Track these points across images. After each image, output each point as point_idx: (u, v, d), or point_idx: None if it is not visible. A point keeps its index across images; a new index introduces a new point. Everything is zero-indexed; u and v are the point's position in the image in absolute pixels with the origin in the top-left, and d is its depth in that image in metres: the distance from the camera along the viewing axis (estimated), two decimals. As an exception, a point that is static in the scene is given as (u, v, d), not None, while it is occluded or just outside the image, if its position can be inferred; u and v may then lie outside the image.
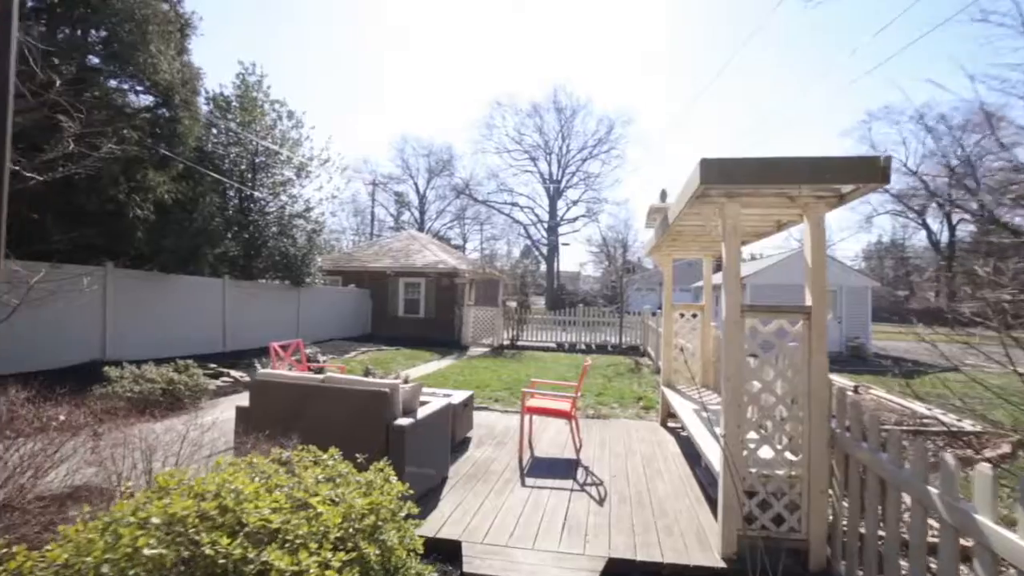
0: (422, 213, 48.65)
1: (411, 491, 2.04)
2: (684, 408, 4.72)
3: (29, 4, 8.35)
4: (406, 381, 7.75)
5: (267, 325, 12.77)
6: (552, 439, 5.36)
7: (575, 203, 46.55)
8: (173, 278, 9.96)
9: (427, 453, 3.74)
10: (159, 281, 9.68)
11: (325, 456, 2.11)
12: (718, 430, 3.75)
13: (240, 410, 3.79)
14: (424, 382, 9.09)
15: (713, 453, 3.24)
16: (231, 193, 12.68)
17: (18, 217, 7.12)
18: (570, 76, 76.26)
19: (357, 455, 2.27)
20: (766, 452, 2.79)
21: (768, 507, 2.73)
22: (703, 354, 5.96)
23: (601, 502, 3.66)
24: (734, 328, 2.70)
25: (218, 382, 7.90)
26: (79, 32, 8.70)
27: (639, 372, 11.07)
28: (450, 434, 4.88)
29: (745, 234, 4.00)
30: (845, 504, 2.58)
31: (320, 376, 3.66)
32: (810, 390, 2.62)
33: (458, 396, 5.25)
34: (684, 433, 5.46)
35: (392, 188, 47.85)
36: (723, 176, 2.50)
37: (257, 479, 1.78)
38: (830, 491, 2.69)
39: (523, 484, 4.01)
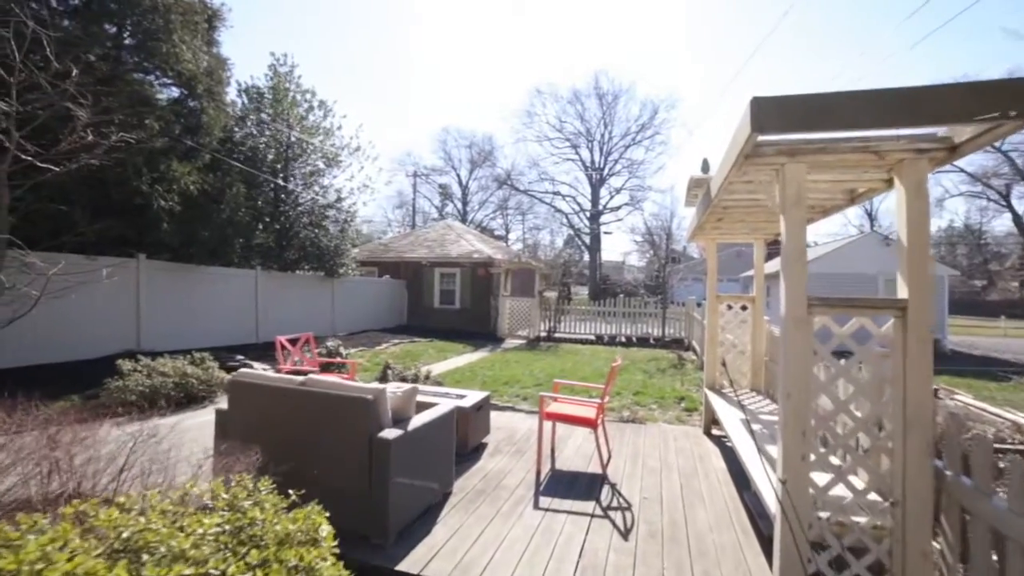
0: (464, 204, 48.57)
1: (338, 552, 1.53)
2: (730, 418, 4.01)
3: (72, 2, 8.43)
4: (427, 377, 7.38)
5: (301, 316, 12.79)
6: (578, 447, 4.77)
7: (618, 191, 45.02)
8: (204, 269, 10.01)
9: (423, 468, 3.26)
10: (190, 272, 9.73)
11: (240, 495, 1.62)
12: (772, 449, 3.05)
13: (219, 414, 3.43)
14: (448, 377, 8.70)
15: (765, 480, 2.57)
16: (266, 186, 12.69)
17: (47, 209, 7.22)
18: (611, 60, 73.30)
19: (292, 494, 1.78)
20: (841, 491, 2.10)
21: (844, 567, 2.04)
22: (754, 353, 5.18)
23: (626, 534, 3.05)
24: (797, 327, 2.02)
25: (241, 375, 7.78)
26: (110, 27, 8.73)
27: (682, 368, 10.23)
28: (460, 441, 4.39)
29: (807, 209, 3.23)
30: (961, 570, 1.87)
31: (299, 379, 3.24)
32: (905, 413, 1.91)
33: (472, 397, 4.75)
34: (731, 443, 4.73)
35: (435, 180, 48.01)
36: (784, 120, 1.81)
37: (125, 532, 1.32)
38: (936, 549, 1.98)
39: (536, 505, 3.45)
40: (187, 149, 8.92)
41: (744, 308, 5.40)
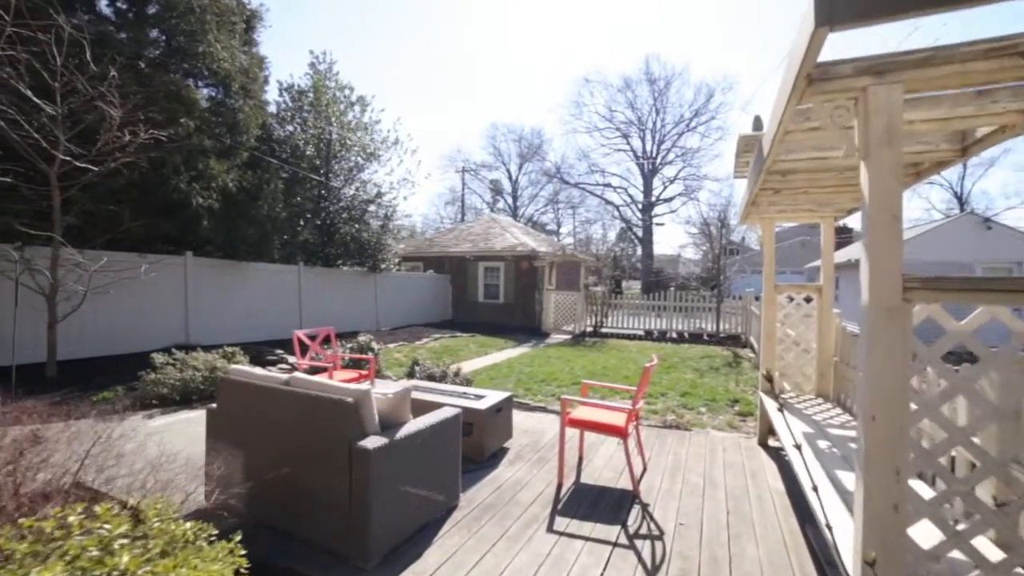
0: (515, 199, 48.25)
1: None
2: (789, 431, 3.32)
3: (129, 16, 8.72)
4: (456, 374, 7.00)
5: (344, 311, 12.89)
6: (610, 456, 4.21)
7: (672, 181, 42.89)
8: (249, 265, 10.20)
9: (417, 479, 2.85)
10: (235, 269, 9.93)
11: (115, 526, 1.25)
12: (845, 476, 2.39)
13: (210, 413, 3.18)
14: (483, 374, 8.30)
15: (837, 517, 1.94)
16: (307, 183, 12.84)
17: (101, 210, 7.49)
18: (663, 43, 69.29)
19: (196, 527, 1.40)
20: (957, 556, 1.46)
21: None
22: (820, 352, 4.39)
23: (654, 572, 2.49)
24: (888, 321, 1.41)
25: (274, 369, 7.76)
26: (158, 34, 8.96)
27: (738, 367, 9.32)
28: (474, 447, 3.98)
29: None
30: None
31: (284, 377, 2.91)
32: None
33: (491, 398, 4.31)
34: (788, 457, 4.02)
35: (485, 176, 47.98)
36: (869, 4, 1.21)
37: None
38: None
39: (550, 527, 2.96)
40: (225, 147, 9.03)
41: (808, 300, 4.62)
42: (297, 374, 2.91)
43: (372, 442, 2.52)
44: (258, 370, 3.08)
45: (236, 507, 2.84)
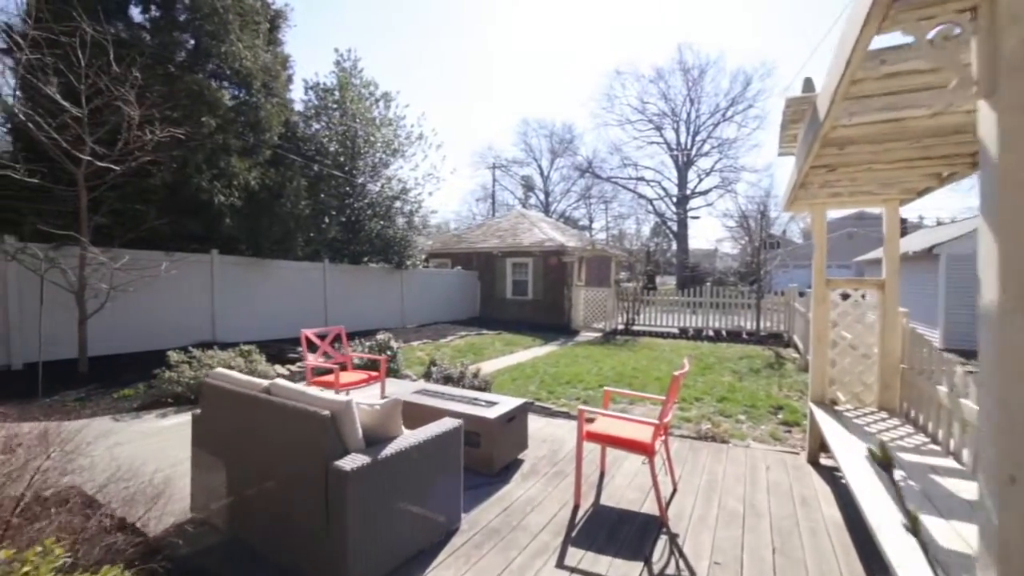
0: (547, 195, 47.79)
1: None
2: (847, 450, 2.81)
3: (160, 23, 8.79)
4: (474, 375, 6.65)
5: (369, 308, 12.82)
6: (635, 474, 3.77)
7: (708, 173, 41.28)
8: (274, 263, 10.22)
9: (408, 502, 2.51)
10: (261, 266, 9.95)
11: None
12: (932, 524, 1.91)
13: (195, 418, 2.95)
14: (505, 374, 7.92)
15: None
16: (331, 180, 12.81)
17: (130, 209, 7.56)
18: (697, 31, 66.54)
19: None
20: None
21: None
22: (883, 357, 3.81)
23: (681, 628, 2.08)
24: None
25: (293, 368, 7.65)
26: (185, 36, 8.99)
27: (780, 369, 8.61)
28: (482, 460, 3.63)
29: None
30: None
31: (265, 383, 2.63)
32: None
33: (504, 405, 3.95)
34: (847, 480, 3.47)
35: (516, 172, 47.68)
36: None
37: None
38: None
39: (560, 562, 2.57)
40: (247, 146, 8.99)
41: (865, 296, 4.04)
42: (279, 381, 2.63)
43: (351, 462, 2.19)
44: (240, 375, 2.82)
45: (215, 524, 2.60)
